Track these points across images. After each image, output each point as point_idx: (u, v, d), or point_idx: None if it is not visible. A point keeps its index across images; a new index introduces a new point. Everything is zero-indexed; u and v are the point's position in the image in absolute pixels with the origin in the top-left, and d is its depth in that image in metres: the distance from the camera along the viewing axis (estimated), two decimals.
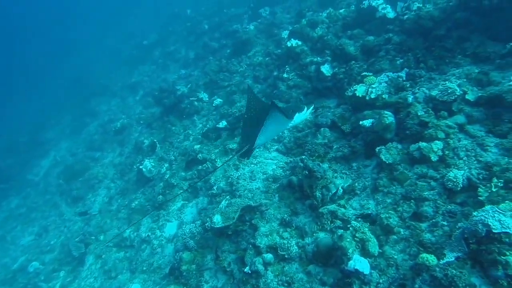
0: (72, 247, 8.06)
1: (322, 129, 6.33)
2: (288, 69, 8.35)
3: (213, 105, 9.93)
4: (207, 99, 10.42)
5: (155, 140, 9.85)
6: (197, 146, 8.25)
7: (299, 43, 8.45)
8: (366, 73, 6.43)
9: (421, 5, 7.16)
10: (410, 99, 5.08)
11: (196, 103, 10.25)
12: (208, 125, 9.30)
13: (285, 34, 10.18)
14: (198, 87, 11.20)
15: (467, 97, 4.67)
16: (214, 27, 15.73)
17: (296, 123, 4.65)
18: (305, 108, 4.47)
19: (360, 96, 6.02)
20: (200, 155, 7.82)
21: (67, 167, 12.90)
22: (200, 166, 7.63)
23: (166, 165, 8.74)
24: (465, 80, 4.93)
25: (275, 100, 7.70)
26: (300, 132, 6.84)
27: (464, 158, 4.35)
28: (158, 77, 16.36)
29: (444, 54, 5.75)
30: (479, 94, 4.61)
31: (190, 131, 9.67)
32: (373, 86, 6.02)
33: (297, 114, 4.33)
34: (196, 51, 15.18)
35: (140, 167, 8.74)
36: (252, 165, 6.79)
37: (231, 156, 7.22)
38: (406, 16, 6.61)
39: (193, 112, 10.15)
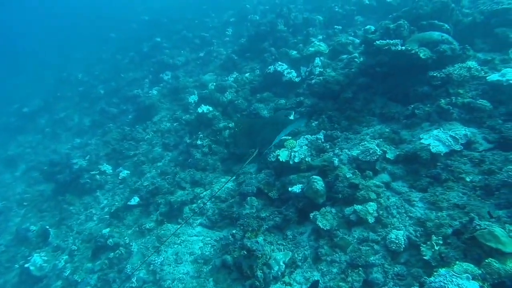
0: None
1: (248, 198, 5.96)
2: (201, 135, 7.99)
3: (119, 178, 8.80)
4: (111, 171, 9.20)
5: (47, 226, 7.93)
6: (105, 230, 6.92)
7: (210, 108, 8.34)
8: (285, 136, 6.52)
9: (322, 70, 8.05)
10: (336, 161, 5.19)
11: (98, 177, 8.91)
12: (115, 201, 8.19)
13: (192, 98, 10.00)
14: (99, 159, 9.88)
15: (387, 156, 5.00)
16: (112, 92, 14.80)
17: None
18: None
19: (283, 160, 5.97)
20: (110, 240, 6.50)
21: None
22: (112, 254, 6.27)
23: (65, 257, 7.00)
24: (381, 140, 5.32)
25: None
26: (224, 203, 6.34)
27: (397, 216, 4.49)
28: (46, 148, 13.98)
29: (354, 115, 6.28)
30: (397, 153, 4.99)
31: (94, 210, 8.30)
32: (295, 149, 6.09)
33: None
34: (92, 118, 13.76)
35: (27, 265, 6.72)
36: (175, 246, 5.92)
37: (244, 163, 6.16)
38: (314, 81, 7.19)
39: (96, 187, 8.77)
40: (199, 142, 7.92)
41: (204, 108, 8.27)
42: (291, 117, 6.91)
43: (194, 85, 11.63)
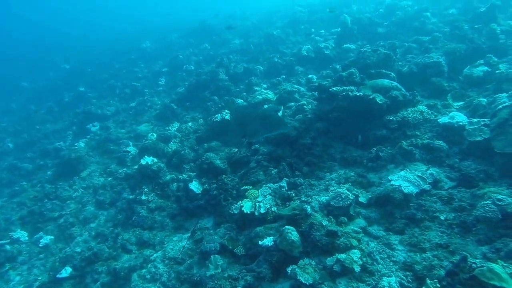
0: None
1: (212, 256, 5.34)
2: (146, 190, 7.20)
3: (39, 245, 7.23)
4: (27, 238, 7.55)
5: None
6: None
7: (155, 160, 7.70)
8: (246, 186, 6.21)
9: None
10: (309, 209, 5.00)
11: (8, 247, 7.16)
12: (32, 275, 6.71)
13: (129, 150, 9.20)
14: (11, 224, 8.13)
15: (360, 200, 5.01)
16: (24, 145, 13.01)
17: None
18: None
19: (248, 212, 5.60)
20: None
21: None
22: None
23: None
24: (349, 184, 5.36)
25: None
26: (182, 265, 5.57)
27: (381, 262, 4.37)
28: None
29: (315, 160, 6.33)
30: (369, 196, 5.04)
31: None
32: (259, 200, 5.81)
33: None
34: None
35: None
36: None
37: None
38: None
39: (4, 260, 7.10)
40: (143, 197, 7.14)
41: (148, 160, 7.59)
42: (280, 114, 6.97)
43: (129, 136, 10.89)
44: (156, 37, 23.93)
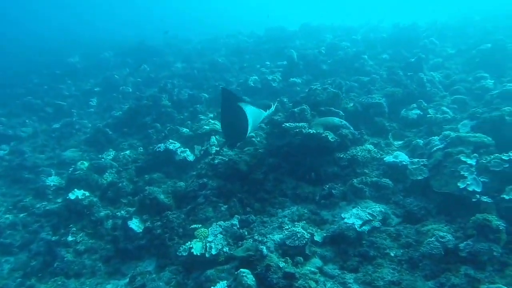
0: None
1: None
2: (74, 229, 6.51)
3: None
4: None
5: None
6: None
7: (87, 193, 7.04)
8: (195, 225, 6.00)
9: (218, 149, 8.16)
10: (265, 250, 4.98)
11: None
12: None
13: (51, 180, 8.30)
14: None
15: (315, 238, 5.16)
16: None
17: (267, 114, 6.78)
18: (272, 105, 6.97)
19: (199, 254, 5.38)
20: None
21: None
22: None
23: None
24: (304, 222, 5.51)
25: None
26: None
27: None
28: None
29: (266, 196, 6.40)
30: (324, 235, 5.22)
31: None
32: (209, 240, 5.65)
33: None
34: None
35: None
36: None
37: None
38: (217, 161, 7.13)
39: None
40: (70, 238, 6.42)
41: (78, 194, 6.92)
42: (273, 108, 7.12)
43: (50, 162, 9.85)
44: (87, 52, 22.60)
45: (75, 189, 7.04)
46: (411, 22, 16.82)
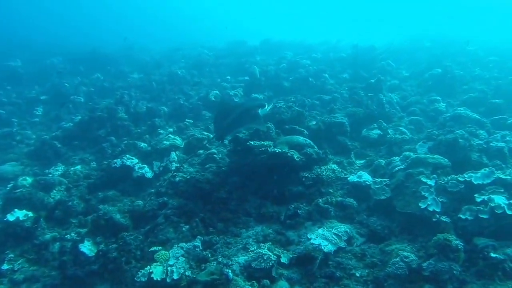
0: None
1: None
2: (11, 255, 5.93)
3: None
4: None
5: None
6: None
7: (30, 214, 6.47)
8: (155, 247, 5.72)
9: (178, 165, 7.97)
10: (230, 274, 4.86)
11: None
12: None
13: None
14: None
15: (281, 260, 5.12)
16: None
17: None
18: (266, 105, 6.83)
19: (159, 279, 5.12)
20: None
21: None
22: None
23: None
24: (270, 243, 5.47)
25: None
26: None
27: None
28: None
29: (229, 216, 6.30)
30: (290, 256, 5.21)
31: None
32: (170, 263, 5.40)
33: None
34: None
35: None
36: None
37: None
38: (178, 178, 6.93)
39: None
40: (5, 266, 5.81)
41: (19, 214, 6.32)
42: (267, 108, 7.07)
43: None
44: (30, 56, 21.21)
45: (16, 209, 6.43)
46: (369, 44, 17.88)
